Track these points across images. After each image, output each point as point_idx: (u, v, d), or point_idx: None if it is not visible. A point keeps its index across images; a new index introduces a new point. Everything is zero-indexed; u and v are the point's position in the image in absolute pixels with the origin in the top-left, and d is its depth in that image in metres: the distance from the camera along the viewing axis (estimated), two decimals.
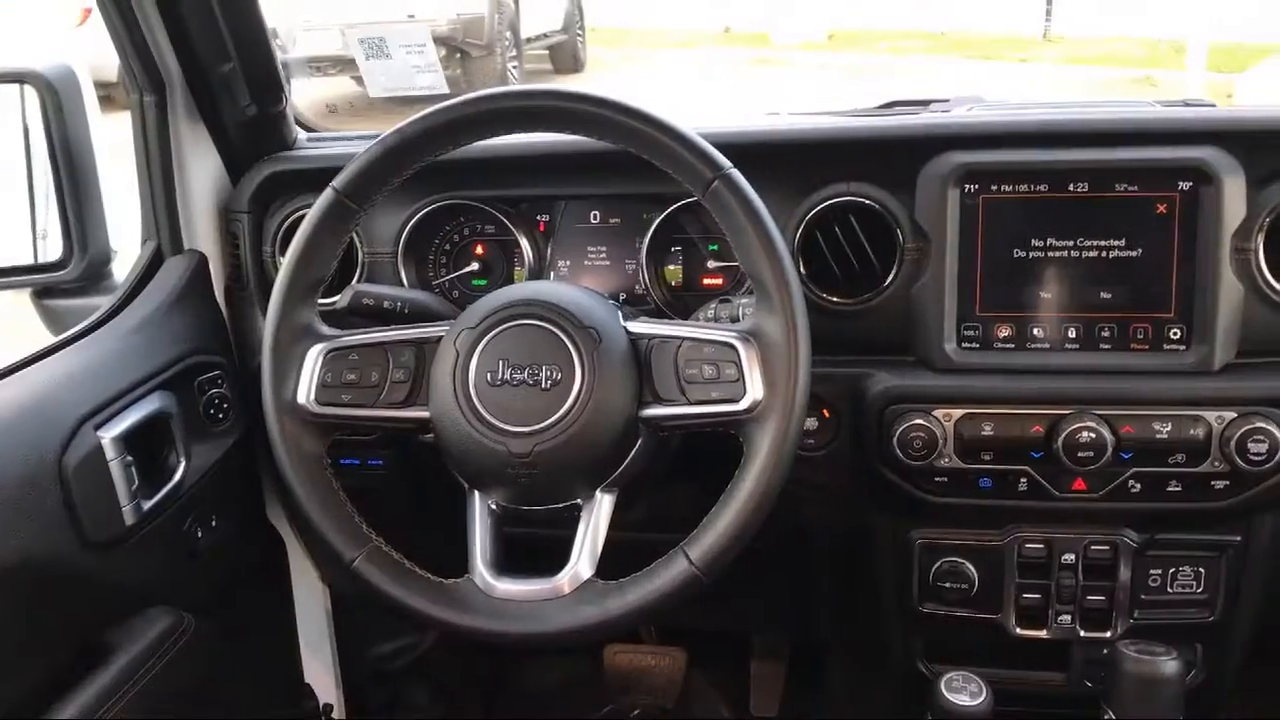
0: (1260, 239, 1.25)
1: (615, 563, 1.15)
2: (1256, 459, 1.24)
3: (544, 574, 1.15)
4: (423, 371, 1.18)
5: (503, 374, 1.14)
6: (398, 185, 1.19)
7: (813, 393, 1.30)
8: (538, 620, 1.13)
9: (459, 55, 8.65)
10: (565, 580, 1.14)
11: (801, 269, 1.33)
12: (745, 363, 1.11)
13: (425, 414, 1.17)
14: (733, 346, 1.12)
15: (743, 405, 1.11)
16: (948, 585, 1.39)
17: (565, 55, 10.78)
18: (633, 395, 1.14)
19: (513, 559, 1.19)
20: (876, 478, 1.33)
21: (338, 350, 1.19)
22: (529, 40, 9.61)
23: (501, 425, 1.13)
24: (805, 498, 1.44)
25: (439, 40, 8.49)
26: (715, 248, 1.46)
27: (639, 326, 1.17)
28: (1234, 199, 1.23)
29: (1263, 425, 1.23)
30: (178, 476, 1.34)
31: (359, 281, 1.48)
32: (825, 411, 1.35)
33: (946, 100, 1.56)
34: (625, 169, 1.17)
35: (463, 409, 1.14)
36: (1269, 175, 1.25)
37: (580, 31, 11.01)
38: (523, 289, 1.21)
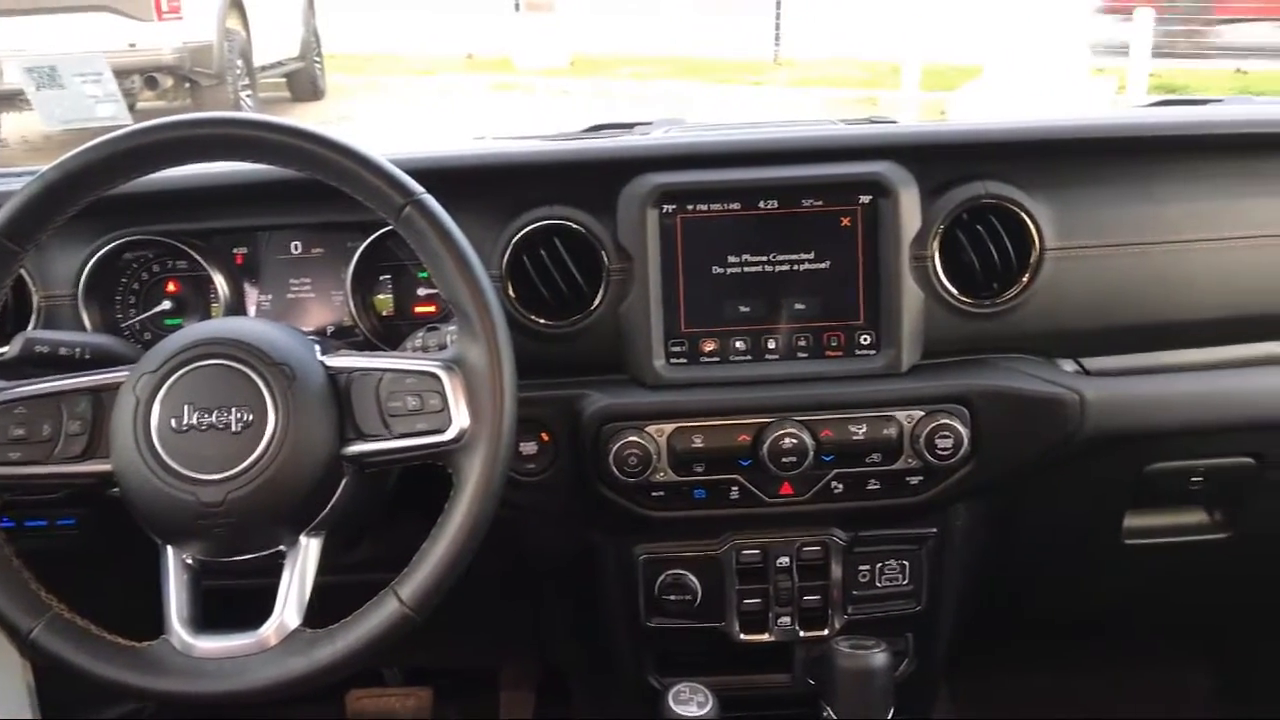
0: (936, 246, 1.32)
1: (340, 607, 1.11)
2: (944, 454, 1.31)
3: (249, 627, 1.09)
4: (101, 422, 1.10)
5: (189, 419, 1.08)
6: (63, 224, 1.11)
7: (530, 416, 1.31)
8: (240, 677, 1.07)
9: (188, 85, 8.29)
10: (271, 632, 1.09)
11: (510, 293, 1.32)
12: (450, 392, 1.10)
13: (106, 467, 1.10)
14: (436, 376, 1.10)
15: (449, 435, 1.09)
16: (672, 598, 1.41)
17: (303, 83, 10.50)
18: (333, 433, 1.10)
19: (217, 613, 1.13)
20: (597, 497, 1.34)
21: (1, 405, 1.09)
22: (263, 68, 9.31)
23: (190, 474, 1.07)
24: (530, 523, 1.44)
25: (166, 70, 8.10)
26: (426, 274, 1.43)
27: (337, 360, 1.13)
28: (910, 210, 1.31)
29: (947, 422, 1.31)
30: None
31: (34, 328, 1.37)
32: (544, 435, 1.35)
33: (650, 122, 1.60)
34: (327, 196, 1.13)
35: (146, 459, 1.07)
36: (941, 186, 1.33)
37: (318, 59, 10.75)
38: (208, 327, 1.15)
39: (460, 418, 1.09)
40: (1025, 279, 1.32)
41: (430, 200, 1.10)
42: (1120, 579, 1.62)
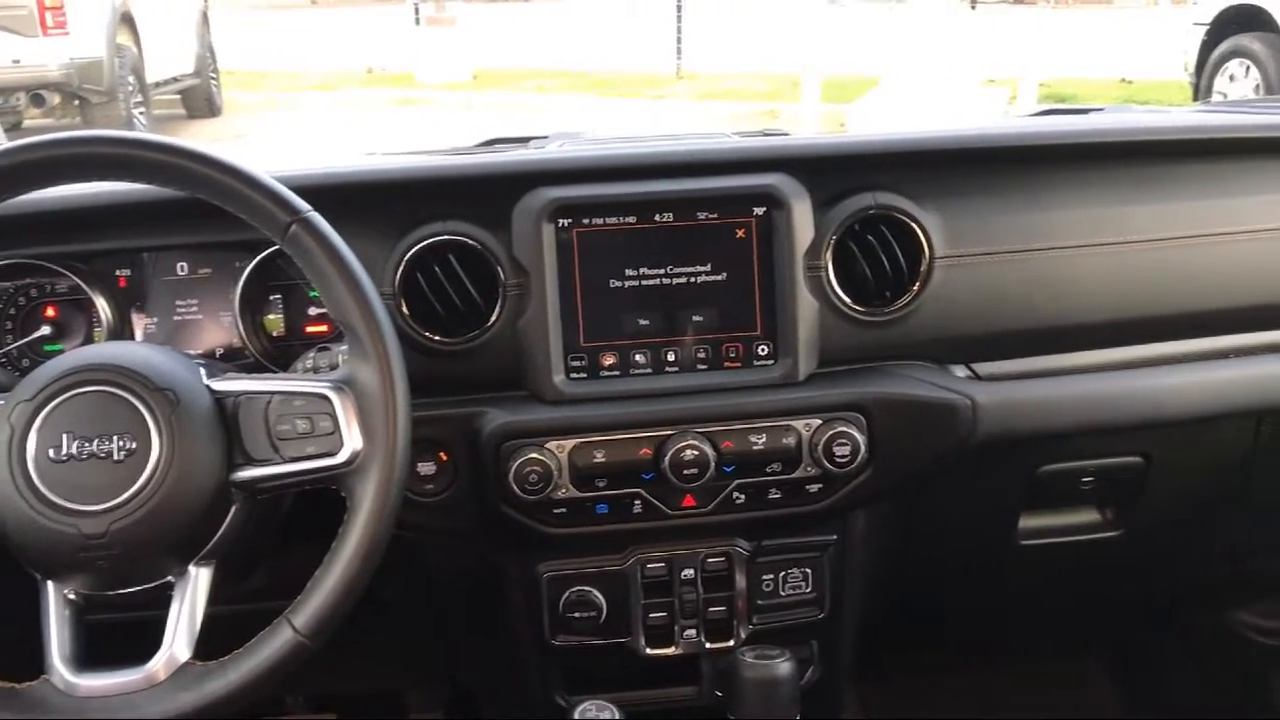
0: (829, 257, 1.34)
1: (237, 638, 1.08)
2: (842, 461, 1.32)
3: (137, 662, 1.06)
4: None
5: (68, 448, 1.04)
6: None
7: (427, 436, 1.29)
8: (127, 715, 1.03)
9: (77, 102, 8.07)
10: (160, 666, 1.06)
11: (404, 310, 1.30)
12: (341, 413, 1.08)
13: None
14: (326, 397, 1.08)
15: (341, 458, 1.08)
16: (577, 615, 1.40)
17: (199, 99, 10.31)
18: (220, 458, 1.08)
19: (102, 649, 1.09)
20: (497, 516, 1.32)
21: None
22: (157, 85, 9.12)
23: (69, 505, 1.03)
24: (431, 544, 1.42)
25: (53, 86, 7.86)
26: (317, 294, 1.40)
27: (223, 383, 1.11)
28: (803, 221, 1.32)
29: (845, 429, 1.32)
30: None
31: None
32: (442, 454, 1.33)
33: (545, 137, 1.59)
34: (213, 215, 1.11)
35: (21, 491, 1.03)
36: (832, 197, 1.34)
37: (214, 75, 10.56)
38: (87, 353, 1.11)
39: (352, 439, 1.07)
40: (916, 287, 1.35)
41: (317, 218, 1.09)
42: (1017, 579, 1.65)
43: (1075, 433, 1.43)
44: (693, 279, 1.33)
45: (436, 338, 1.31)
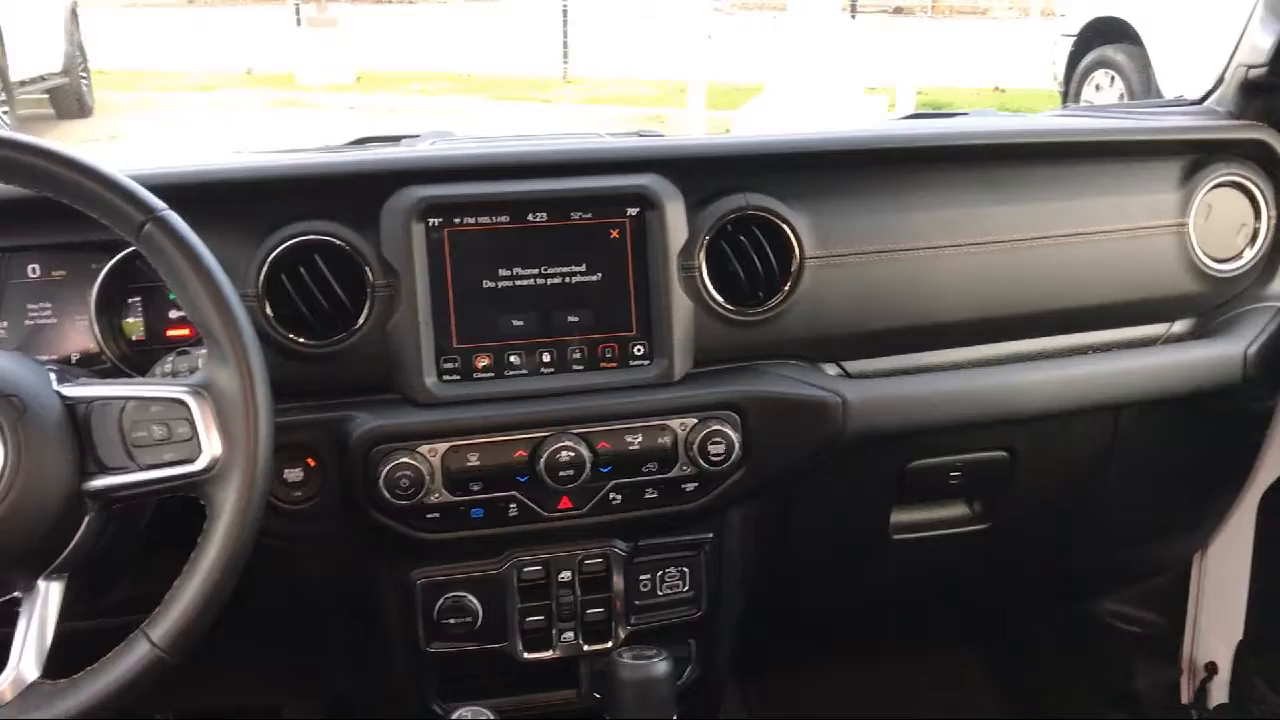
0: (702, 257, 1.34)
1: (93, 655, 1.03)
2: (717, 459, 1.33)
3: None
4: None
5: None
6: None
7: (293, 441, 1.26)
8: None
9: None
10: (6, 686, 1.02)
11: (268, 311, 1.26)
12: (199, 419, 1.05)
13: None
14: (183, 402, 1.05)
15: (200, 465, 1.04)
16: (453, 621, 1.38)
17: (68, 99, 9.92)
18: (71, 467, 1.03)
19: None
20: (369, 522, 1.30)
21: None
22: (22, 83, 8.75)
23: None
24: (301, 552, 1.38)
25: None
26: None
27: (75, 389, 1.06)
28: (676, 222, 1.32)
29: (719, 428, 1.33)
30: None
31: None
32: (310, 460, 1.29)
33: (417, 135, 1.57)
34: (67, 215, 1.06)
35: None
36: (705, 198, 1.35)
37: (84, 74, 10.17)
38: None
39: (211, 446, 1.04)
40: (787, 287, 1.36)
41: (172, 217, 1.05)
42: (892, 572, 1.68)
43: (942, 428, 1.46)
44: (568, 279, 1.33)
45: (301, 340, 1.27)
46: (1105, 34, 8.00)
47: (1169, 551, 1.82)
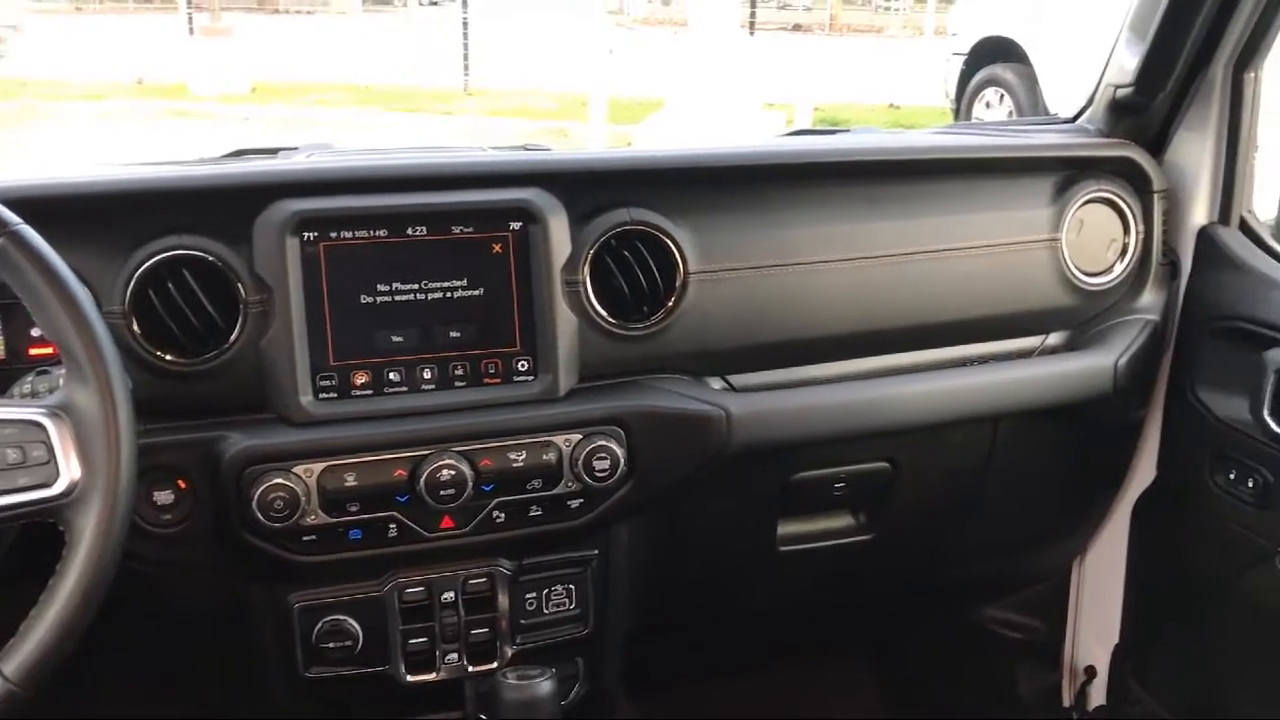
0: (586, 271, 1.34)
1: None
2: (602, 475, 1.32)
3: None
4: None
5: None
6: None
7: (162, 463, 1.22)
8: None
9: None
10: None
11: (136, 329, 1.22)
12: (57, 442, 1.00)
13: None
14: (39, 424, 1.00)
15: (57, 489, 1.00)
16: (332, 645, 1.35)
17: None
18: None
19: None
20: (242, 545, 1.26)
21: None
22: None
23: None
24: (172, 577, 1.34)
25: None
26: None
27: None
28: (559, 236, 1.31)
29: (604, 444, 1.32)
30: None
31: None
32: (181, 482, 1.25)
33: (296, 148, 1.53)
34: None
35: None
36: (589, 213, 1.35)
37: None
38: None
39: (69, 469, 0.99)
40: (671, 302, 1.36)
41: (26, 231, 1.01)
42: (780, 583, 1.69)
43: (825, 440, 1.47)
44: (449, 294, 1.31)
45: (170, 358, 1.23)
46: (994, 53, 8.23)
47: (1048, 558, 1.87)
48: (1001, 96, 8.18)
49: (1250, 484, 1.47)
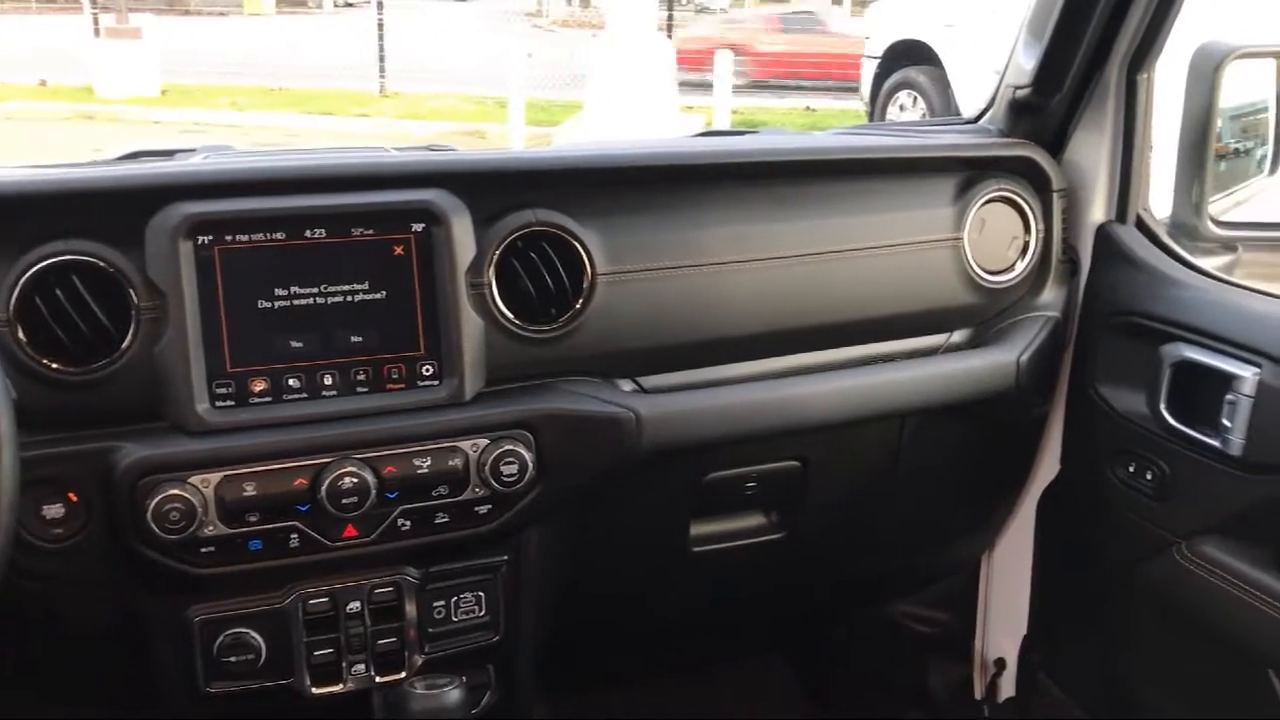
0: (492, 273, 1.32)
1: None
2: (510, 480, 1.31)
3: None
4: None
5: None
6: None
7: (50, 475, 1.18)
8: None
9: None
10: None
11: (21, 336, 1.18)
12: None
13: None
14: None
15: None
16: (234, 659, 1.31)
17: None
18: None
19: None
20: (137, 559, 1.22)
21: None
22: None
23: None
24: (64, 593, 1.29)
25: None
26: None
27: None
28: (463, 238, 1.30)
29: (512, 448, 1.31)
30: None
31: None
32: (72, 495, 1.21)
33: (193, 150, 1.49)
34: None
35: None
36: (494, 214, 1.33)
37: None
38: None
39: None
40: (579, 304, 1.35)
41: None
42: (694, 585, 1.69)
43: (736, 440, 1.47)
44: (350, 298, 1.28)
45: (58, 367, 1.19)
46: (908, 56, 8.37)
47: (957, 553, 1.89)
48: (915, 99, 8.32)
49: (1149, 476, 1.50)
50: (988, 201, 1.56)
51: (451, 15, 15.67)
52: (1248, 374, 1.34)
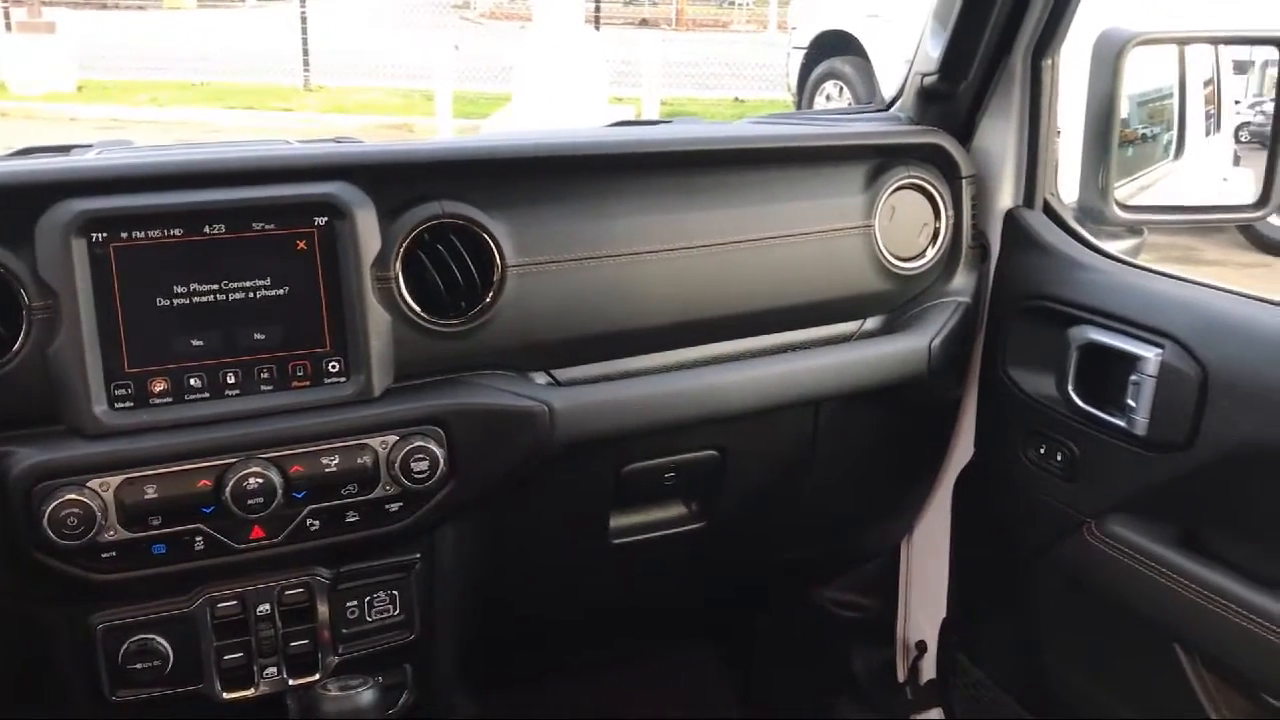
0: (398, 267, 1.30)
1: None
2: (421, 477, 1.29)
3: None
4: None
5: None
6: None
7: None
8: None
9: None
10: None
11: None
12: None
13: None
14: None
15: None
16: (140, 666, 1.28)
17: None
18: None
19: None
20: (35, 566, 1.19)
21: None
22: None
23: None
24: None
25: None
26: None
27: None
28: (368, 231, 1.27)
29: (422, 444, 1.29)
30: None
31: None
32: None
33: (89, 145, 1.45)
34: None
35: None
36: (399, 206, 1.31)
37: None
38: None
39: None
40: (489, 296, 1.33)
41: None
42: (616, 576, 1.68)
43: (652, 431, 1.47)
44: (252, 294, 1.25)
45: None
46: (833, 46, 8.44)
47: (877, 537, 1.91)
48: (841, 89, 8.39)
49: (1059, 457, 1.52)
50: (898, 189, 1.57)
51: (377, 7, 15.46)
52: (1151, 355, 1.36)
